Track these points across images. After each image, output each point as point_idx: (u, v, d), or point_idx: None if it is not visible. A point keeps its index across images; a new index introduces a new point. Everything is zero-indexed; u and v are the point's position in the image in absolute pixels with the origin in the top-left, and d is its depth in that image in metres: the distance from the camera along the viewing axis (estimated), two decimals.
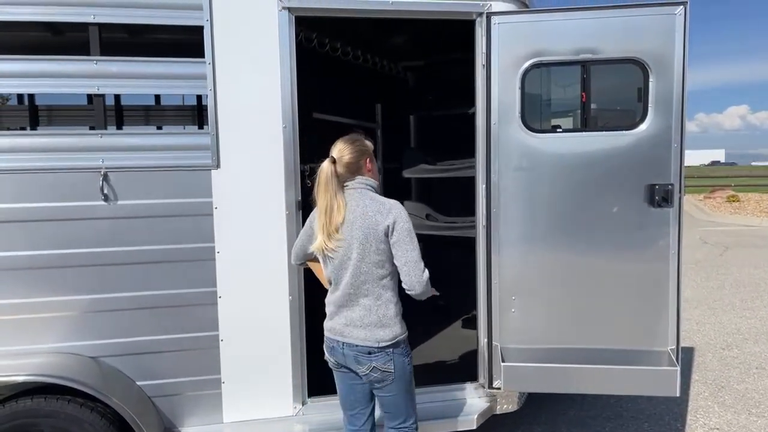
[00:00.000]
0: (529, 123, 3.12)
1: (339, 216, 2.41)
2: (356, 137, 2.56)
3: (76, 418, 2.74)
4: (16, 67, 2.81)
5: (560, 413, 4.29)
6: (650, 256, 3.11)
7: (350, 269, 2.41)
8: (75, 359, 2.87)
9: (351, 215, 2.42)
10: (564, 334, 3.19)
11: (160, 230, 2.93)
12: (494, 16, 3.09)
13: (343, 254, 2.42)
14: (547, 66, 3.13)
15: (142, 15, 2.86)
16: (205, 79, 2.91)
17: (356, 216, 2.41)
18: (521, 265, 3.19)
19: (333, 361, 2.56)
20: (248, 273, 3.03)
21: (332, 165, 2.43)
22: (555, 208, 3.15)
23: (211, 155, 2.95)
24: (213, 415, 3.07)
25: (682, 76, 3.02)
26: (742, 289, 8.23)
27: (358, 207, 2.44)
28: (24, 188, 2.80)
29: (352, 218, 2.41)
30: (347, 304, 2.45)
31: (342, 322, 2.46)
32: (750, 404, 4.44)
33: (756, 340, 5.97)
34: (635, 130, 3.08)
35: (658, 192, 3.04)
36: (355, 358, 2.45)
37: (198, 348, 3.02)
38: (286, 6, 2.97)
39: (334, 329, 2.49)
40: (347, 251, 2.41)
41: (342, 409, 2.68)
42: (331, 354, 2.54)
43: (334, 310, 2.49)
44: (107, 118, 2.96)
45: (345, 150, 2.47)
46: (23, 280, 2.83)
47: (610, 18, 3.04)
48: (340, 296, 2.46)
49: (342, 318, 2.47)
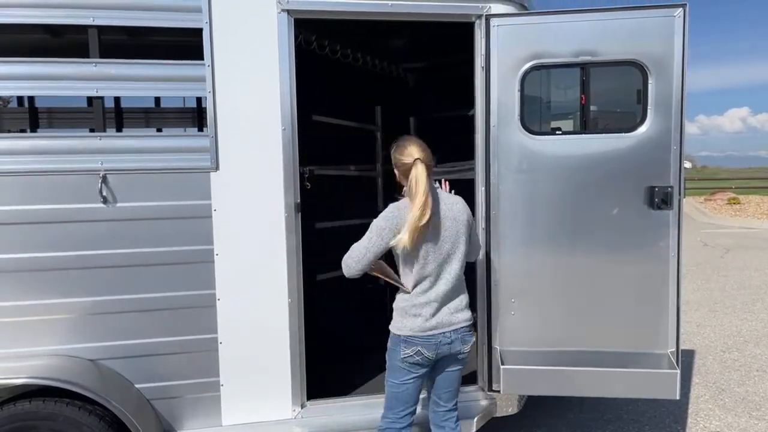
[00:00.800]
0: (529, 125, 3.11)
1: (439, 212, 2.60)
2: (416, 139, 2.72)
3: (75, 420, 2.73)
4: (15, 69, 2.80)
5: (560, 416, 4.28)
6: (650, 259, 3.11)
7: (458, 261, 2.64)
8: (73, 362, 2.86)
9: (445, 211, 2.62)
10: (564, 336, 3.19)
11: (158, 232, 2.92)
12: (493, 19, 3.09)
13: (450, 248, 2.61)
14: (547, 68, 3.13)
15: (141, 17, 2.86)
16: (204, 82, 2.91)
17: (447, 210, 2.63)
18: (521, 268, 3.18)
19: (431, 356, 2.61)
20: (247, 275, 3.03)
21: (423, 164, 2.57)
22: (554, 211, 3.14)
23: (210, 157, 2.95)
24: (212, 417, 3.06)
25: (682, 78, 3.02)
26: (743, 292, 8.22)
27: (444, 203, 2.64)
28: (23, 190, 2.79)
29: (446, 213, 2.62)
30: (452, 295, 2.65)
31: (448, 312, 2.63)
32: (751, 407, 4.42)
33: (757, 343, 5.96)
34: (635, 132, 3.07)
35: (657, 194, 3.03)
36: (462, 339, 2.67)
37: (197, 350, 3.01)
38: (285, 8, 2.98)
39: (442, 323, 2.61)
40: (453, 245, 2.62)
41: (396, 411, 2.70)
42: (435, 349, 2.60)
43: (438, 306, 2.61)
44: (107, 121, 2.96)
45: (423, 151, 2.64)
46: (22, 282, 2.83)
47: (610, 20, 3.04)
48: (445, 290, 2.61)
49: (447, 309, 2.63)
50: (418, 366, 2.63)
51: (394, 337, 2.65)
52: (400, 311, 2.65)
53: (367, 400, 3.32)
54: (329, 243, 4.39)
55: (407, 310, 2.61)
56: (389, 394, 2.73)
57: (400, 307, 2.65)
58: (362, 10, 3.11)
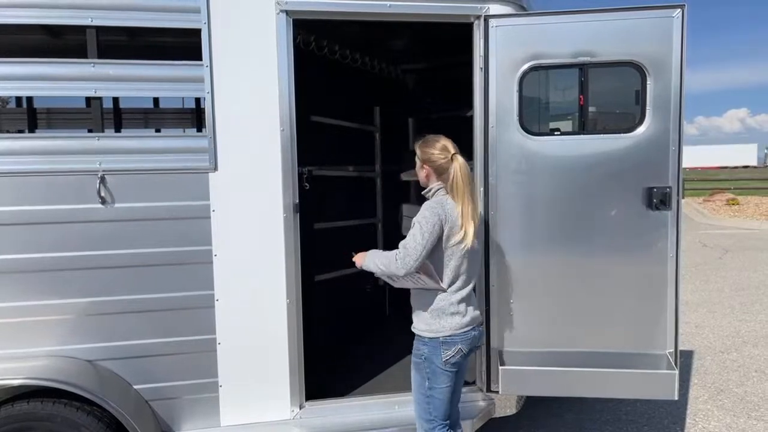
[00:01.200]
0: (527, 126, 3.11)
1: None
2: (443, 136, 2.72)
3: (73, 421, 2.72)
4: (14, 69, 2.80)
5: (558, 417, 4.28)
6: (649, 259, 3.11)
7: (481, 260, 2.78)
8: (72, 362, 2.86)
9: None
10: (562, 337, 3.19)
11: (157, 233, 2.92)
12: (492, 19, 3.09)
13: (479, 247, 2.71)
14: (545, 69, 3.13)
15: (139, 18, 2.85)
16: (203, 82, 2.91)
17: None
18: (519, 268, 3.18)
19: (466, 352, 2.63)
20: (246, 276, 3.03)
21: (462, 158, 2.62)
22: (553, 211, 3.14)
23: (208, 158, 2.94)
24: (210, 418, 3.05)
25: (680, 79, 3.02)
26: (742, 293, 8.22)
27: None
28: (21, 191, 2.79)
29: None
30: (474, 290, 2.71)
31: (473, 307, 2.68)
32: (749, 407, 4.43)
33: (755, 344, 5.96)
34: (633, 132, 3.08)
35: (656, 195, 3.03)
36: (481, 333, 2.77)
37: (195, 351, 3.01)
38: (284, 9, 2.97)
39: (473, 318, 2.66)
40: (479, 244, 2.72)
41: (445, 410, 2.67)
42: (470, 345, 2.64)
43: (469, 301, 2.65)
44: (105, 121, 2.95)
45: (455, 146, 2.65)
46: (20, 282, 2.82)
47: (608, 21, 3.04)
48: (473, 286, 2.68)
49: (473, 304, 2.69)
50: (457, 365, 2.62)
51: (432, 342, 2.59)
52: (436, 312, 2.59)
53: (366, 401, 3.33)
54: (328, 244, 4.39)
55: (445, 310, 2.58)
56: (437, 402, 2.63)
57: (438, 307, 2.59)
58: (361, 11, 3.11)
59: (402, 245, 2.52)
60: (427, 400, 2.65)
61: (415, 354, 2.67)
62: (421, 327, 2.63)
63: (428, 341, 2.60)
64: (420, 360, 2.63)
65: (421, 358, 2.62)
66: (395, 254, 2.52)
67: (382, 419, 3.20)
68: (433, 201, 2.60)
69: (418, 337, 2.66)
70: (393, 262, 2.51)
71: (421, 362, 2.63)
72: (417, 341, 2.67)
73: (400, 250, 2.51)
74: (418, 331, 2.65)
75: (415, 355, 2.67)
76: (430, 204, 2.58)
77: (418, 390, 2.68)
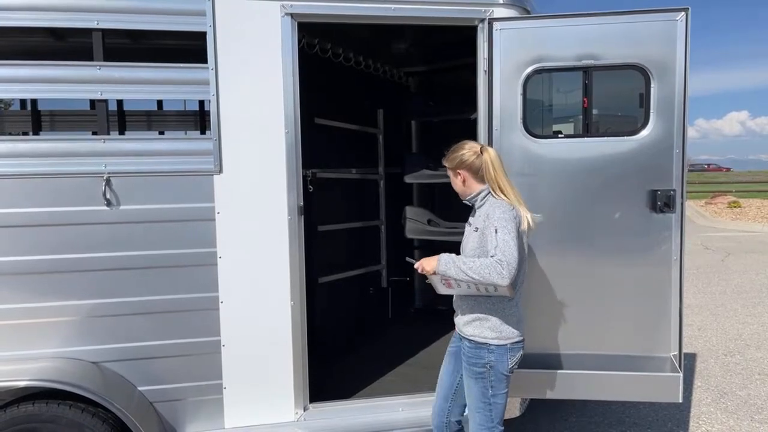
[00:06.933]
0: (531, 129, 3.12)
1: None
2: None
3: (78, 423, 2.73)
4: (19, 72, 2.81)
5: (562, 419, 4.28)
6: (652, 262, 3.11)
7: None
8: (76, 364, 2.86)
9: None
10: (566, 339, 3.19)
11: (161, 235, 2.93)
12: (496, 23, 3.09)
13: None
14: (549, 72, 3.13)
15: (145, 21, 2.87)
16: (208, 85, 2.92)
17: None
18: (523, 271, 3.17)
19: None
20: (250, 278, 3.03)
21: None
22: (556, 214, 3.14)
23: (213, 160, 2.95)
24: (214, 420, 3.06)
25: (684, 82, 3.02)
26: (744, 295, 8.22)
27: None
28: (26, 193, 2.80)
29: None
30: None
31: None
32: (752, 410, 4.42)
33: (758, 346, 5.96)
34: (637, 135, 3.08)
35: (660, 197, 3.04)
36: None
37: (199, 353, 3.01)
38: (288, 12, 2.98)
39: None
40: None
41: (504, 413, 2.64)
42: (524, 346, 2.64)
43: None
44: (110, 124, 2.96)
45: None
46: (25, 284, 2.83)
47: (612, 24, 3.05)
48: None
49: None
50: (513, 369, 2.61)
51: (499, 349, 2.51)
52: (505, 318, 2.52)
53: (370, 402, 3.33)
54: (331, 246, 4.40)
55: (514, 315, 2.55)
56: (499, 407, 2.58)
57: (508, 313, 2.52)
58: (365, 14, 3.11)
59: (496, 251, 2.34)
60: (490, 407, 2.56)
61: (476, 364, 2.54)
62: (487, 335, 2.52)
63: (495, 348, 2.51)
64: (484, 369, 2.53)
65: (486, 366, 2.52)
66: (494, 264, 2.31)
67: (386, 421, 3.20)
68: (506, 204, 2.50)
69: (480, 345, 2.53)
70: (496, 272, 2.29)
71: (486, 371, 2.53)
72: (479, 349, 2.53)
73: (498, 258, 2.31)
74: (482, 339, 2.53)
75: (476, 365, 2.54)
76: (504, 207, 2.47)
77: (480, 399, 2.56)
